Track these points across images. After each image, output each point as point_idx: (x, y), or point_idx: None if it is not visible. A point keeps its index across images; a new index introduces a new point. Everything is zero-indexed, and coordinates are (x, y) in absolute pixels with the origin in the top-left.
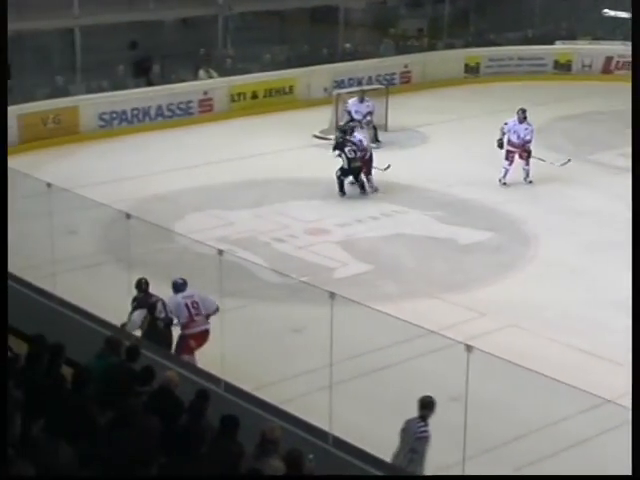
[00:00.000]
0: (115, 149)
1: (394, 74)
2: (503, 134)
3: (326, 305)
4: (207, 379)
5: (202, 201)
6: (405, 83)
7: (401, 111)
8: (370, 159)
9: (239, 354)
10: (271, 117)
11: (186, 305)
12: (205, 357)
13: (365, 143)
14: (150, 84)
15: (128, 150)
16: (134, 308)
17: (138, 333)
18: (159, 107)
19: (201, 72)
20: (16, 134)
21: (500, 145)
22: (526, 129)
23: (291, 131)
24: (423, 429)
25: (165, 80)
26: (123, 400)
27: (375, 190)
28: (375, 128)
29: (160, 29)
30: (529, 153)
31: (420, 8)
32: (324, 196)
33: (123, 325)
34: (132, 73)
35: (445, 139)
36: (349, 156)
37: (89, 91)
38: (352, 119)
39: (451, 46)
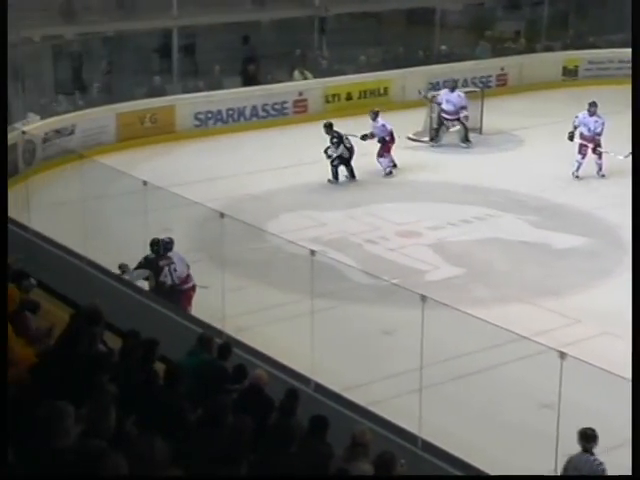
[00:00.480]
0: (210, 148)
1: (490, 77)
2: (575, 127)
3: (417, 308)
4: (297, 379)
5: (295, 201)
6: (501, 86)
7: (496, 114)
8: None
9: (329, 355)
10: (365, 118)
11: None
12: (295, 356)
13: (389, 127)
14: (250, 83)
15: (223, 150)
16: (139, 265)
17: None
18: (254, 107)
19: (296, 73)
20: (114, 132)
21: (571, 138)
22: (596, 122)
23: None
24: (599, 463)
25: (261, 80)
26: (214, 398)
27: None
28: (466, 127)
29: (257, 30)
30: (598, 145)
31: (518, 10)
32: (416, 198)
33: (121, 267)
34: (240, 69)
35: (541, 143)
36: (347, 146)
37: (185, 91)
38: (442, 110)
39: (549, 48)
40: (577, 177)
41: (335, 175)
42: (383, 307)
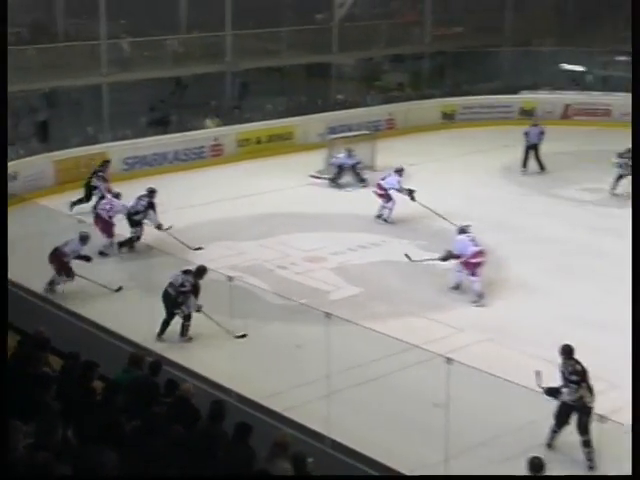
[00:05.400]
0: (138, 189)
1: (380, 121)
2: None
3: (323, 324)
4: (220, 390)
5: (216, 233)
6: (390, 129)
7: (387, 153)
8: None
9: (248, 368)
10: (273, 160)
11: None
12: (218, 371)
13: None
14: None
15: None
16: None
17: None
18: (176, 152)
19: (208, 121)
20: (53, 177)
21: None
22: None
23: (291, 172)
24: None
25: (181, 128)
26: (148, 410)
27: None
28: (358, 173)
29: (179, 83)
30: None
31: (402, 63)
32: (320, 228)
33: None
34: (152, 127)
35: (426, 178)
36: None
37: (115, 139)
38: (341, 170)
39: (430, 96)
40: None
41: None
42: (294, 324)
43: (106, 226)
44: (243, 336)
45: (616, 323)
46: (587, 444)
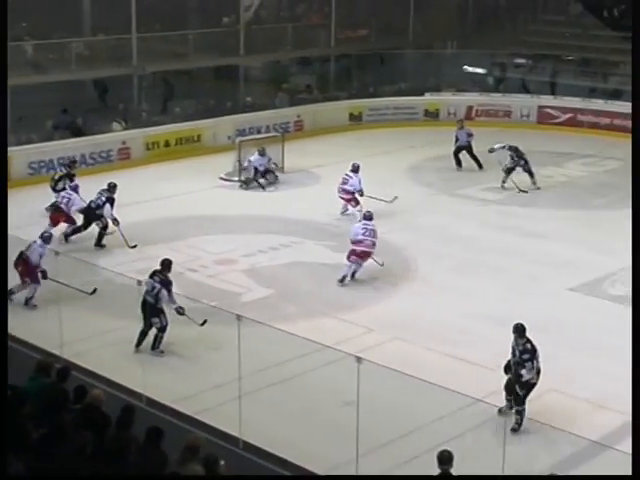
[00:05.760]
0: (43, 194)
1: (288, 123)
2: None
3: (234, 326)
4: (131, 395)
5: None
6: (298, 131)
7: (296, 155)
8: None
9: (158, 372)
10: (182, 163)
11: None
12: (129, 376)
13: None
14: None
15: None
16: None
17: None
18: (82, 156)
19: (114, 123)
20: None
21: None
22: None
23: (200, 174)
24: None
25: (88, 132)
26: (56, 417)
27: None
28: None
29: (83, 87)
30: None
31: (309, 66)
32: (231, 230)
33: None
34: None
35: (335, 178)
36: None
37: (19, 143)
38: (257, 171)
39: (337, 98)
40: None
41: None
42: (206, 327)
43: (68, 219)
44: (204, 322)
45: (520, 319)
46: (520, 413)
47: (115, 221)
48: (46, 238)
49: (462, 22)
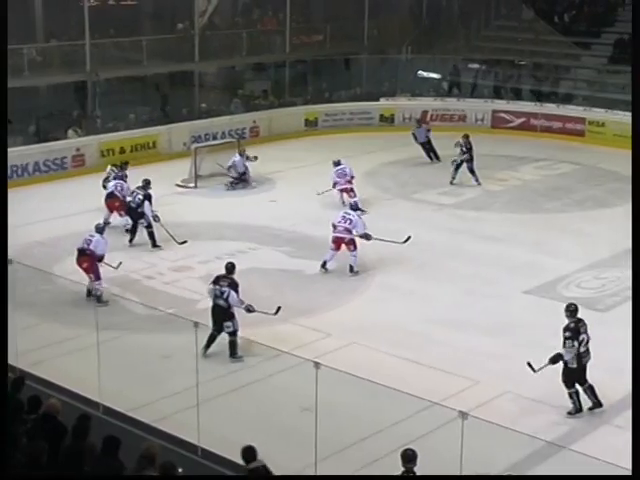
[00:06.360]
0: None
1: (244, 129)
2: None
3: (191, 333)
4: (87, 404)
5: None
6: (254, 137)
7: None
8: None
9: (116, 380)
10: (138, 170)
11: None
12: (86, 384)
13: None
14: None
15: (9, 202)
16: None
17: None
18: (36, 163)
19: (70, 131)
20: None
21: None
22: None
23: (156, 181)
24: None
25: (41, 139)
26: (10, 427)
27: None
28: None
29: (36, 93)
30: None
31: (264, 72)
32: (187, 237)
33: None
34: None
35: (291, 184)
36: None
37: None
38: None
39: (293, 104)
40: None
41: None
42: (161, 334)
43: (122, 204)
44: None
45: (476, 322)
46: (570, 396)
47: (156, 217)
48: (100, 228)
49: (416, 27)
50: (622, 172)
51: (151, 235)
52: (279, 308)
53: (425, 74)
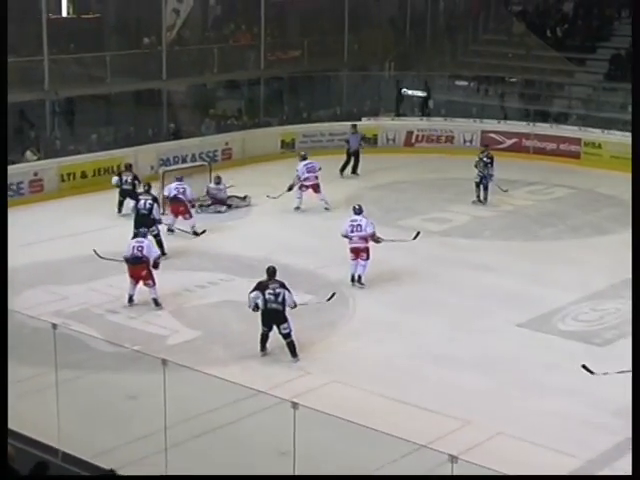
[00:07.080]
0: None
1: (216, 151)
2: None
3: (159, 371)
4: (45, 451)
5: (36, 277)
6: (227, 159)
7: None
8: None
9: (76, 424)
10: (100, 195)
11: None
12: (43, 429)
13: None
14: None
15: None
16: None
17: None
18: None
19: (28, 153)
20: None
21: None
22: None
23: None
24: None
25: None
26: None
27: None
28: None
29: None
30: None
31: (237, 90)
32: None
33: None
34: None
35: (266, 210)
36: None
37: None
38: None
39: (268, 124)
40: None
41: None
42: (127, 373)
43: (186, 208)
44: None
45: (466, 358)
46: None
47: (159, 220)
48: (143, 234)
49: (400, 42)
50: (620, 196)
51: (160, 244)
52: (334, 294)
53: (410, 92)
